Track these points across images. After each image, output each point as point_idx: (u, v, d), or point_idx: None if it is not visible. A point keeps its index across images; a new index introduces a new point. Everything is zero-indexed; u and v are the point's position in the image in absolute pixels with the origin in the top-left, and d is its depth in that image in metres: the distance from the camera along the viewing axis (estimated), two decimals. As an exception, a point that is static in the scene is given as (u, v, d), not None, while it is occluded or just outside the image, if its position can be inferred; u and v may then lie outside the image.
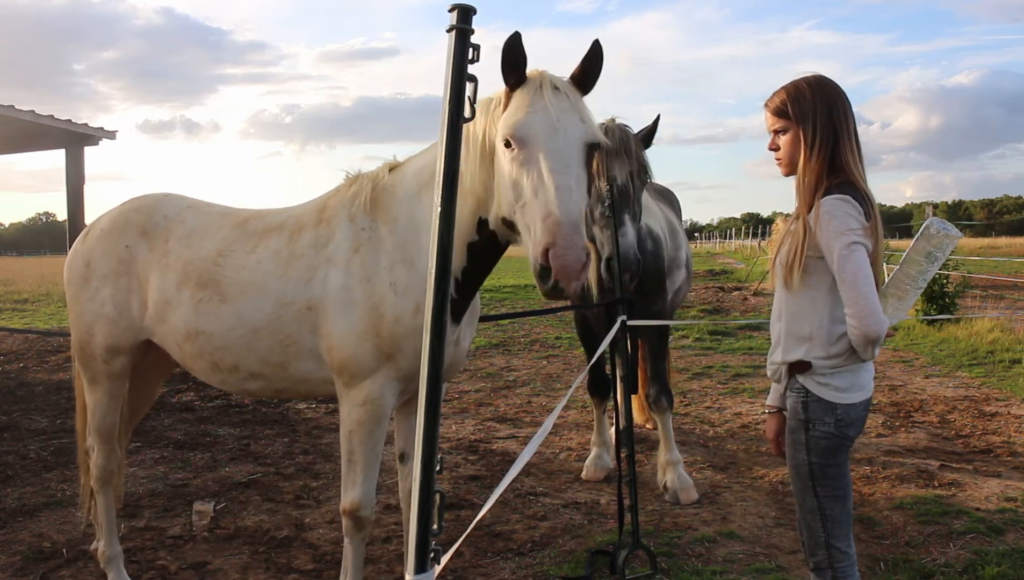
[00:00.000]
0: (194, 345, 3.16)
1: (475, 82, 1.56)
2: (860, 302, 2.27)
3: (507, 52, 2.37)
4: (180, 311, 3.17)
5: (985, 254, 27.96)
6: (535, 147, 2.33)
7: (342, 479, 3.04)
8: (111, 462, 3.61)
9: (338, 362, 2.91)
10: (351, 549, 3.10)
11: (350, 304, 2.87)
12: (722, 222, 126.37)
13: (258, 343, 3.04)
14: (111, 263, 3.35)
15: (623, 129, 4.42)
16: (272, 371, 3.09)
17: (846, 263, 2.28)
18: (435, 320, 1.52)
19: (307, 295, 2.95)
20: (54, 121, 11.01)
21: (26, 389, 8.36)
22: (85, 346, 3.44)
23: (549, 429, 2.85)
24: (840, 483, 2.46)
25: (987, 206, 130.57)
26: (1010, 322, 10.90)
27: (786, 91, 2.49)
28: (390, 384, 2.91)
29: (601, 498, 4.89)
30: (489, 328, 12.41)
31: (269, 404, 7.39)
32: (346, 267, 2.90)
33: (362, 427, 2.93)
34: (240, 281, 3.08)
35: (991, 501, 4.67)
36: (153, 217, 3.38)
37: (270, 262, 3.05)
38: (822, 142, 2.40)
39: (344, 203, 3.03)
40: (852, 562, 2.47)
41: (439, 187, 1.55)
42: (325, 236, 2.98)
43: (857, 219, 2.32)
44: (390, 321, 2.83)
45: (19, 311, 17.47)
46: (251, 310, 3.04)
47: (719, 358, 9.85)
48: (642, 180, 4.42)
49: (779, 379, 2.55)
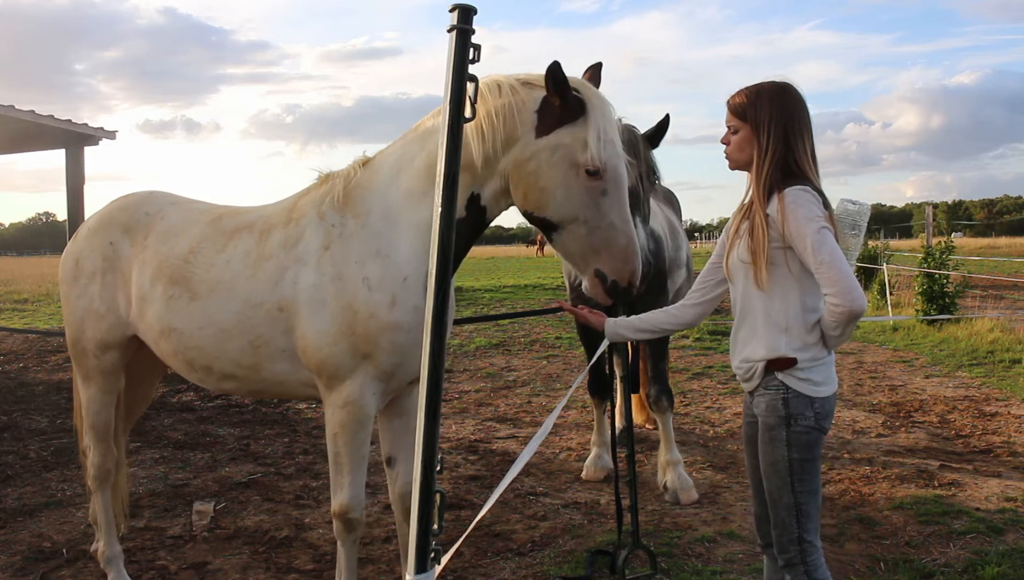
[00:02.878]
0: (168, 342, 3.17)
1: (476, 82, 1.56)
2: (842, 280, 2.30)
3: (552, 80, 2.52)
4: (154, 308, 3.17)
5: (985, 254, 27.98)
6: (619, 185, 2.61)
7: (331, 482, 3.02)
8: (107, 460, 3.62)
9: (315, 363, 2.88)
10: (344, 551, 3.09)
11: (322, 304, 2.83)
12: (722, 222, 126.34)
13: (228, 344, 3.02)
14: (97, 260, 3.39)
15: (631, 130, 4.39)
16: (245, 373, 3.07)
17: (822, 245, 2.32)
18: (435, 320, 1.52)
19: (278, 296, 2.92)
20: (54, 121, 11.00)
21: (26, 389, 8.36)
22: (77, 342, 3.49)
23: (549, 429, 2.85)
24: (816, 478, 2.51)
25: (987, 206, 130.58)
26: (1010, 322, 10.90)
27: (747, 93, 2.55)
28: (370, 384, 2.87)
29: (601, 498, 4.89)
30: (489, 328, 12.41)
31: (269, 404, 7.39)
32: (317, 266, 2.86)
33: (345, 430, 2.90)
34: (209, 279, 3.06)
35: (991, 501, 4.67)
36: (135, 214, 3.41)
37: (239, 262, 3.03)
38: (775, 148, 2.46)
39: (314, 202, 2.99)
40: (820, 553, 2.52)
41: (439, 187, 1.55)
42: (295, 236, 2.95)
43: (820, 207, 2.39)
44: (364, 317, 2.79)
45: (19, 311, 17.47)
46: (219, 310, 3.02)
47: (719, 358, 9.84)
48: (651, 182, 4.39)
49: (750, 378, 2.55)
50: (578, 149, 2.55)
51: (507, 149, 2.64)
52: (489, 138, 2.61)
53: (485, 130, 2.61)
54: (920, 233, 20.04)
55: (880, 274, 13.75)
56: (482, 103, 2.59)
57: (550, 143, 2.57)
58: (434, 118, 2.87)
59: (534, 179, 2.60)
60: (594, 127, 2.55)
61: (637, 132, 4.43)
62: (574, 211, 2.59)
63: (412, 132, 2.94)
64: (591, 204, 2.57)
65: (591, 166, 2.54)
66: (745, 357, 2.55)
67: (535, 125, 2.60)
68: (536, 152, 2.59)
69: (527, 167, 2.61)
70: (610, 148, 2.57)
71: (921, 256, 12.67)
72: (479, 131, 2.61)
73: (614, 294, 2.66)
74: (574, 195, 2.57)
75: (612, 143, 2.59)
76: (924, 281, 11.89)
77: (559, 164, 2.57)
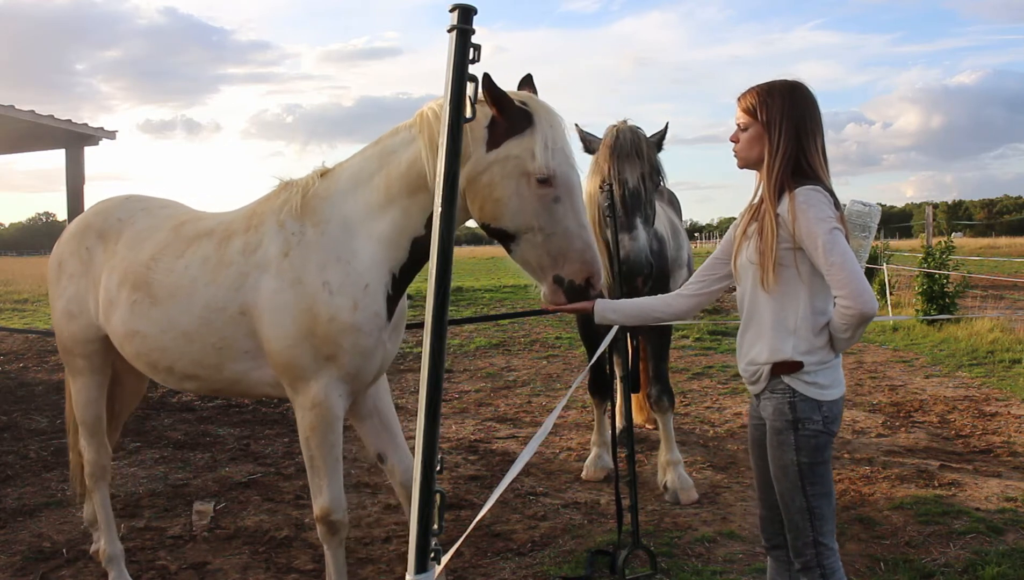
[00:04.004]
0: (132, 345, 3.26)
1: (476, 82, 1.56)
2: (853, 282, 2.28)
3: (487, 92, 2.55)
4: (120, 311, 3.27)
5: (985, 254, 27.98)
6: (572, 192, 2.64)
7: (310, 486, 3.05)
8: (102, 456, 3.69)
9: (280, 365, 2.95)
10: (331, 554, 3.11)
11: (283, 307, 2.89)
12: (722, 222, 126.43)
13: (190, 346, 3.10)
14: (75, 264, 3.53)
15: (634, 131, 4.38)
16: (207, 373, 3.14)
17: (833, 246, 2.30)
18: (435, 320, 1.52)
19: (239, 301, 2.99)
20: (54, 121, 11.00)
21: (26, 389, 8.36)
22: (59, 339, 3.66)
23: (549, 429, 2.85)
24: (827, 480, 2.49)
25: (987, 206, 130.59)
26: (1010, 322, 10.89)
27: (758, 92, 2.52)
28: (334, 385, 2.92)
29: (601, 498, 4.89)
30: (489, 328, 12.41)
31: (269, 404, 7.39)
32: (276, 272, 2.92)
33: (316, 432, 2.95)
34: (168, 285, 3.14)
35: (991, 501, 4.67)
36: (108, 220, 3.52)
37: (197, 268, 3.10)
38: (786, 148, 2.44)
39: (273, 209, 3.05)
40: (837, 556, 2.50)
41: (439, 187, 1.55)
42: (254, 242, 3.01)
43: (831, 208, 2.37)
44: (325, 320, 2.84)
45: (19, 311, 17.47)
46: (180, 314, 3.10)
47: (719, 358, 9.84)
48: (654, 182, 4.39)
49: (757, 381, 2.52)
50: (527, 159, 2.60)
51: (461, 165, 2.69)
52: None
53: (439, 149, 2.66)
54: (920, 233, 20.05)
55: (880, 274, 13.75)
56: (436, 125, 2.67)
57: (500, 155, 2.64)
58: (393, 136, 2.93)
59: (488, 191, 2.66)
60: (541, 137, 2.60)
61: (641, 133, 4.42)
62: (528, 220, 2.63)
63: (372, 147, 3.00)
64: (544, 212, 2.61)
65: (540, 174, 2.59)
66: (751, 360, 2.53)
67: (486, 140, 2.66)
68: (488, 165, 2.65)
69: (480, 180, 2.66)
70: (559, 156, 2.62)
71: (921, 256, 12.67)
72: (433, 152, 2.67)
73: (572, 296, 2.67)
74: (527, 204, 2.62)
75: (561, 151, 2.64)
76: (924, 281, 11.89)
77: (510, 175, 2.63)
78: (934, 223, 14.60)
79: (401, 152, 2.85)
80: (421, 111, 2.82)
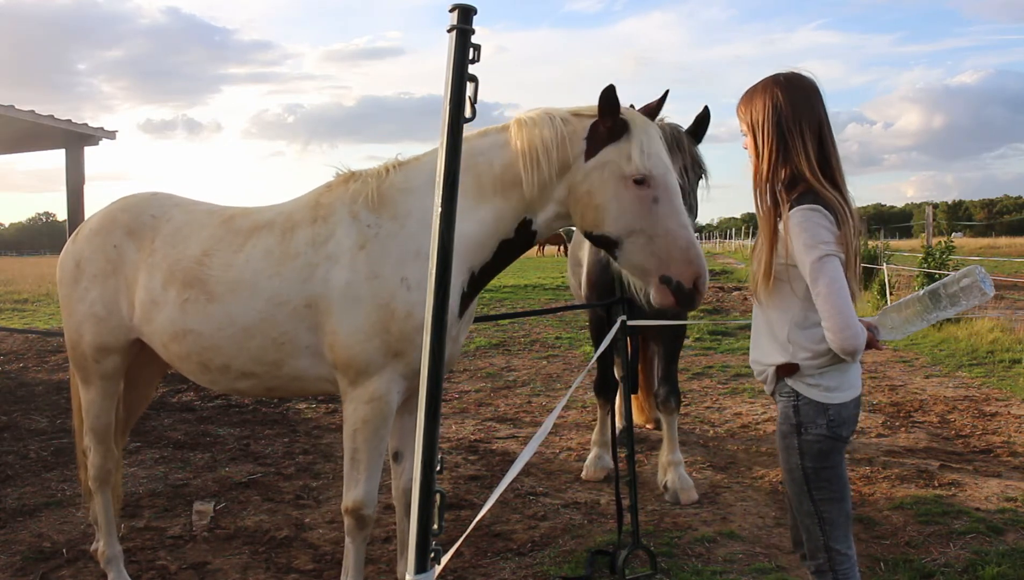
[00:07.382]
0: (182, 345, 3.15)
1: (475, 82, 1.56)
2: (835, 317, 2.20)
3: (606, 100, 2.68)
4: (166, 311, 3.16)
5: (985, 254, 27.95)
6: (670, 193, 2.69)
7: (345, 478, 3.02)
8: (108, 462, 3.61)
9: (343, 359, 2.90)
10: (352, 549, 3.10)
11: (356, 301, 2.85)
12: (722, 222, 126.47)
13: (249, 342, 3.03)
14: (100, 263, 3.35)
15: (673, 126, 4.40)
16: (265, 370, 3.07)
17: (819, 277, 2.22)
18: (435, 320, 1.52)
19: (305, 293, 2.93)
20: (54, 121, 11.00)
21: (26, 389, 8.36)
22: (76, 346, 3.45)
23: (549, 429, 2.85)
24: (836, 485, 2.42)
25: (987, 206, 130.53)
26: (1010, 322, 10.90)
27: (744, 96, 2.48)
28: (396, 381, 2.91)
29: (601, 498, 4.89)
30: (489, 328, 12.41)
31: (269, 404, 7.39)
32: (351, 264, 2.88)
33: (367, 425, 2.92)
34: (228, 280, 3.06)
35: (991, 501, 4.67)
36: (140, 217, 3.37)
37: (260, 260, 3.03)
38: (769, 152, 2.35)
39: (343, 200, 2.99)
40: (853, 563, 2.44)
41: (439, 187, 1.55)
42: (324, 234, 2.95)
43: (828, 229, 2.25)
44: (401, 317, 2.82)
45: (19, 311, 17.47)
46: (241, 309, 3.02)
47: (719, 358, 9.85)
48: (696, 173, 4.39)
49: (766, 381, 2.51)
50: (623, 162, 2.68)
51: (561, 176, 2.78)
52: (545, 167, 2.76)
53: (541, 160, 2.75)
54: (920, 233, 20.02)
55: (880, 274, 13.75)
56: (537, 134, 2.76)
57: (598, 162, 2.72)
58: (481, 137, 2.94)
59: (588, 199, 2.74)
60: (636, 141, 2.68)
61: (679, 128, 4.43)
62: (629, 222, 2.69)
63: None
64: (644, 213, 2.67)
65: (636, 175, 2.66)
66: (755, 359, 2.54)
67: (584, 151, 2.75)
68: (587, 174, 2.74)
69: (581, 189, 2.75)
70: (655, 159, 2.68)
71: (921, 256, 12.68)
72: (534, 161, 2.75)
73: (681, 298, 2.67)
74: (626, 207, 2.68)
75: (657, 155, 2.70)
76: (924, 281, 11.89)
77: (608, 180, 2.71)
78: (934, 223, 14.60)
79: (491, 154, 2.86)
80: (517, 118, 2.88)
